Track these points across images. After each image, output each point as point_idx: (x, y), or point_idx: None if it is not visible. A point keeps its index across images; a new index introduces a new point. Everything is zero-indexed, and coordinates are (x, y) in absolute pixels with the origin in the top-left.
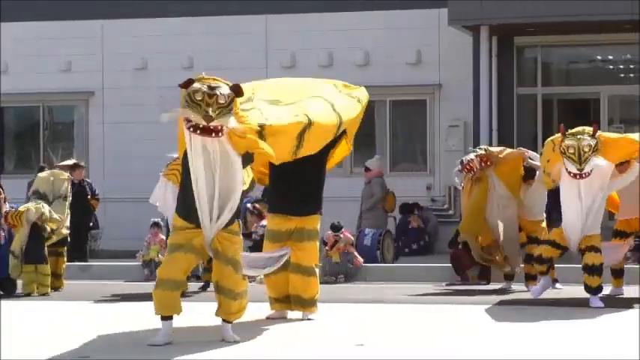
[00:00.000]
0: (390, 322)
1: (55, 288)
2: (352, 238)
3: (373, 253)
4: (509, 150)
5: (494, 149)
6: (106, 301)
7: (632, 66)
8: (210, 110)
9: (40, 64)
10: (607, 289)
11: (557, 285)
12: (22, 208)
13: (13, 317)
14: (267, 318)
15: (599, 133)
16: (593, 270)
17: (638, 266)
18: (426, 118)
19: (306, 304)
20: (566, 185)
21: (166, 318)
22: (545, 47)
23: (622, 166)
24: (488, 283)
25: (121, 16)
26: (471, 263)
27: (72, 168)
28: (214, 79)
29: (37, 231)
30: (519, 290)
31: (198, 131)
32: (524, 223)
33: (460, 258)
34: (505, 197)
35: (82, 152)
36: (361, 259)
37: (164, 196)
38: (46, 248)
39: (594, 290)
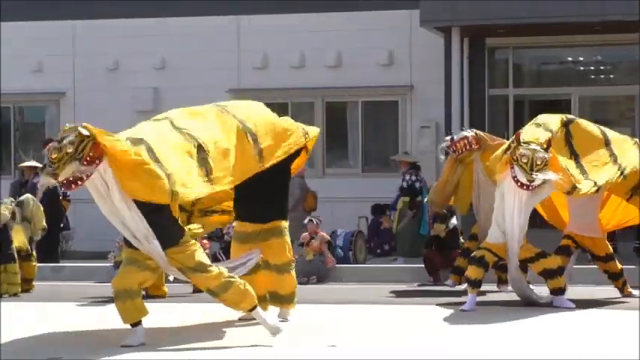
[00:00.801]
0: (362, 323)
1: (26, 290)
2: (328, 237)
3: (345, 253)
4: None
5: (486, 135)
6: (78, 301)
7: (602, 67)
8: (53, 168)
9: (11, 64)
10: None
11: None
12: None
13: None
14: (240, 319)
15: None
16: (552, 273)
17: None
18: (398, 119)
19: (284, 300)
20: (511, 194)
21: (135, 324)
22: (516, 48)
23: None
24: (460, 284)
25: (92, 17)
26: (443, 264)
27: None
28: (65, 130)
29: (5, 231)
30: (492, 291)
31: (64, 187)
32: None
33: (433, 259)
34: (485, 184)
35: None
36: (333, 259)
37: None
38: (14, 248)
39: (560, 291)
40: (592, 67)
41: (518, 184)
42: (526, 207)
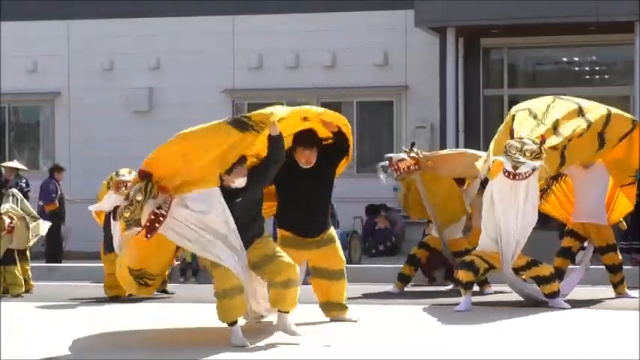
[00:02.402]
0: (358, 323)
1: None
2: None
3: None
4: (445, 153)
5: (428, 154)
6: (75, 302)
7: (597, 68)
8: (133, 224)
9: (6, 64)
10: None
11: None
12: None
13: None
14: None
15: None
16: (545, 280)
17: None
18: (393, 119)
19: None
20: (501, 188)
21: (232, 324)
22: (511, 49)
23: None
24: (455, 285)
25: (87, 17)
26: (437, 265)
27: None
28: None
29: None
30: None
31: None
32: (449, 242)
33: (427, 259)
34: (431, 209)
35: (49, 153)
36: None
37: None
38: (15, 251)
39: (555, 295)
40: (587, 68)
41: (506, 174)
42: (525, 205)
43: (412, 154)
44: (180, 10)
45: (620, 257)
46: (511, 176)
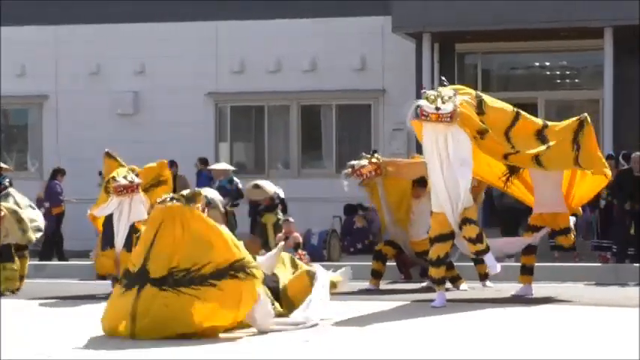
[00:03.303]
0: (336, 318)
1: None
2: (300, 239)
3: (319, 252)
4: (406, 161)
5: (388, 160)
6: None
7: (568, 72)
8: None
9: None
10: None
11: (488, 283)
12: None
13: None
14: None
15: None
16: (474, 240)
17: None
18: (371, 122)
19: None
20: (427, 140)
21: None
22: (485, 54)
23: None
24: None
25: (74, 22)
26: (413, 262)
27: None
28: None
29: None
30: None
31: None
32: (412, 244)
33: (403, 257)
34: (389, 209)
35: (37, 154)
36: (307, 257)
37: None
38: (12, 248)
39: (483, 252)
40: (558, 72)
41: (425, 115)
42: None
43: (373, 160)
44: (164, 16)
45: (574, 239)
46: (433, 117)
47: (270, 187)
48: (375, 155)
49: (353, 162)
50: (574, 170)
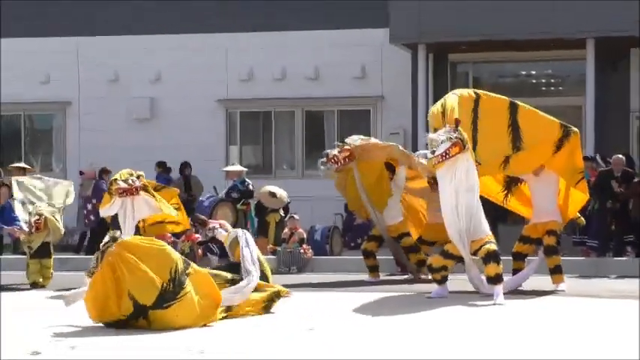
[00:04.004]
0: (339, 308)
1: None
2: (304, 234)
3: (322, 246)
4: (375, 142)
5: (364, 141)
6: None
7: (552, 80)
8: None
9: (22, 76)
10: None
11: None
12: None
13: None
14: None
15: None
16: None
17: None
18: (370, 126)
19: None
20: (438, 179)
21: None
22: (476, 63)
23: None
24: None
25: (94, 34)
26: (396, 255)
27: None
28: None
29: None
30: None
31: None
32: (388, 229)
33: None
34: (365, 192)
35: (61, 156)
36: (311, 251)
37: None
38: (51, 245)
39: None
40: (543, 80)
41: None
42: (462, 190)
43: (346, 147)
44: (178, 28)
45: (556, 240)
46: (434, 160)
47: (284, 195)
48: (346, 143)
49: (327, 151)
50: (569, 183)
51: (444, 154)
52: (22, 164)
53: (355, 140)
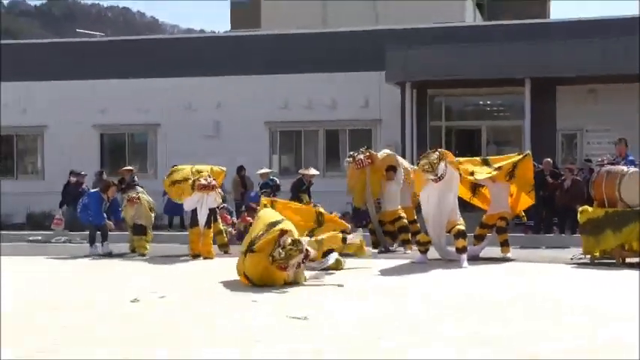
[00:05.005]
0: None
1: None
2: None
3: None
4: (386, 155)
5: (379, 154)
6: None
7: (501, 108)
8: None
9: (126, 107)
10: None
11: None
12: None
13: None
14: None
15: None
16: (459, 235)
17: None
18: (372, 141)
19: None
20: (434, 193)
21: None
22: (447, 96)
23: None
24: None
25: (171, 76)
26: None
27: None
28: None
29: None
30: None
31: None
32: (385, 213)
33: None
34: (370, 193)
35: (152, 163)
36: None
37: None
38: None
39: (462, 250)
40: (495, 108)
41: (435, 181)
42: (446, 194)
43: (367, 153)
44: (235, 70)
45: (505, 223)
46: (437, 181)
47: (314, 171)
48: (369, 151)
49: (354, 153)
50: (521, 190)
51: (441, 177)
52: (129, 167)
53: (381, 153)
